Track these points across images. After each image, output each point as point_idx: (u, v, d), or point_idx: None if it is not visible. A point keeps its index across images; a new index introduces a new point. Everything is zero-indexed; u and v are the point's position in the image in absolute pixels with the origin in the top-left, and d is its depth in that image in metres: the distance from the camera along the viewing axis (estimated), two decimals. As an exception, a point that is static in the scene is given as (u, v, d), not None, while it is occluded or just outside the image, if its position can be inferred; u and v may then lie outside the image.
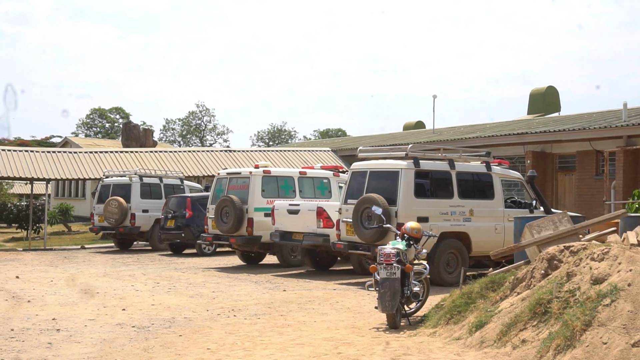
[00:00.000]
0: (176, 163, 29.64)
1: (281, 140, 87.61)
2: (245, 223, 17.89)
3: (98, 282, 14.97)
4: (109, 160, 28.88)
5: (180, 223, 22.08)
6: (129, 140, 39.33)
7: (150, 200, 24.38)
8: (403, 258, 9.72)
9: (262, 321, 10.34)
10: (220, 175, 19.38)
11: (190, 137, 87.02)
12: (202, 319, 10.56)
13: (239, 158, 31.20)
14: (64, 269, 18.03)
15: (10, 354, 8.20)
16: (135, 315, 10.80)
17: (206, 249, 21.94)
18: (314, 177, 19.51)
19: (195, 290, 13.77)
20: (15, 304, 11.99)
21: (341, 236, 15.03)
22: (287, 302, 12.15)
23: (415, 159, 14.34)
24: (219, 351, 8.36)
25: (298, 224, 16.58)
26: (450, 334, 8.82)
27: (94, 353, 8.28)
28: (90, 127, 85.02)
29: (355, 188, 14.88)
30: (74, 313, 11.02)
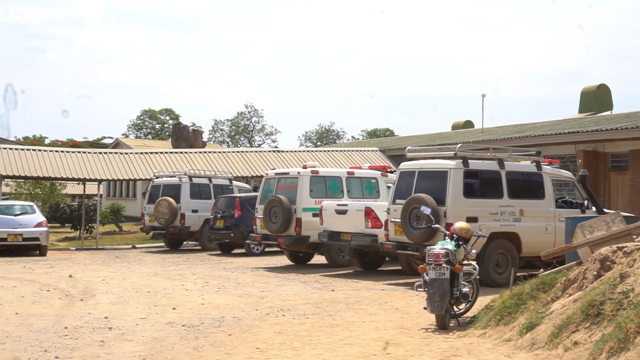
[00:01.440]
0: (225, 163, 29.85)
1: (329, 141, 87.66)
2: (293, 223, 17.95)
3: (149, 282, 15.16)
4: (159, 161, 29.21)
5: (229, 223, 22.23)
6: (178, 141, 39.73)
7: (200, 201, 24.60)
8: (452, 258, 9.65)
9: (310, 321, 10.35)
10: (269, 176, 19.46)
11: (239, 137, 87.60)
12: (251, 318, 10.62)
13: (287, 158, 31.29)
14: (116, 268, 18.30)
15: (64, 351, 8.35)
16: (185, 315, 10.91)
17: (255, 249, 22.06)
18: (362, 177, 19.48)
19: (244, 289, 13.85)
20: (69, 302, 12.20)
21: (389, 236, 14.98)
22: (336, 302, 12.15)
23: (464, 158, 14.22)
24: (268, 351, 8.40)
25: (346, 224, 16.56)
26: (500, 335, 8.73)
27: (145, 351, 8.38)
28: (140, 128, 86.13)
29: (404, 188, 14.81)
30: (126, 312, 11.17)
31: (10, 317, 10.64)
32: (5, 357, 8.09)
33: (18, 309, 11.33)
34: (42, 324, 10.03)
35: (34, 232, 22.37)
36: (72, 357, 8.06)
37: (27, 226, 22.40)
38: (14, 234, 22.10)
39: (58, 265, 18.92)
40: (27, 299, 12.56)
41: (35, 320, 10.39)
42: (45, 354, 8.21)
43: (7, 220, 22.31)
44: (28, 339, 9.04)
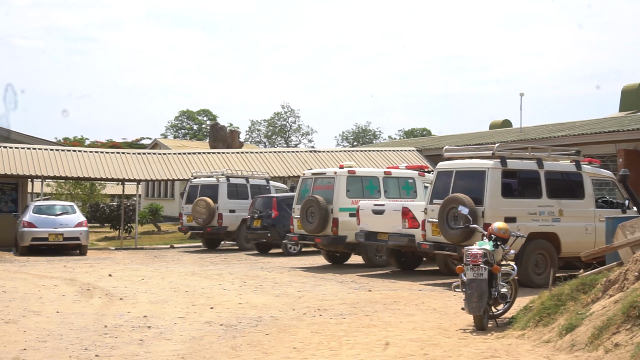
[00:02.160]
0: (262, 164, 29.96)
1: (366, 140, 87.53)
2: (330, 223, 17.96)
3: (187, 281, 15.27)
4: (197, 161, 29.41)
5: (267, 223, 22.31)
6: (216, 142, 39.99)
7: (237, 201, 24.72)
8: (490, 259, 9.59)
9: (347, 321, 10.35)
10: (306, 176, 19.50)
11: (276, 137, 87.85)
12: (288, 318, 10.64)
13: (323, 158, 31.30)
14: (154, 267, 18.47)
15: (103, 349, 8.45)
16: (223, 314, 10.97)
17: (292, 249, 22.11)
18: (399, 177, 19.43)
19: (281, 289, 13.89)
20: (108, 301, 12.34)
21: (427, 236, 14.91)
22: (373, 302, 12.13)
23: (502, 158, 14.11)
24: (305, 350, 8.42)
25: (383, 224, 16.53)
26: (540, 336, 8.64)
27: (184, 350, 8.45)
28: (178, 129, 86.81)
29: (441, 188, 14.74)
30: (164, 311, 11.27)
31: (52, 315, 10.80)
32: (47, 354, 8.21)
33: (59, 308, 11.50)
34: (83, 323, 10.16)
35: (74, 231, 22.69)
36: (112, 356, 8.15)
37: (68, 226, 22.73)
38: (55, 233, 22.43)
39: (98, 265, 19.15)
40: (67, 297, 12.74)
41: (76, 318, 10.53)
42: (85, 352, 8.31)
43: (48, 220, 22.66)
44: (69, 337, 9.16)
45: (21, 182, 27.60)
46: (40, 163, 26.52)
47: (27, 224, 22.39)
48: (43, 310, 11.31)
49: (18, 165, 26.02)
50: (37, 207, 23.32)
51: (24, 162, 26.30)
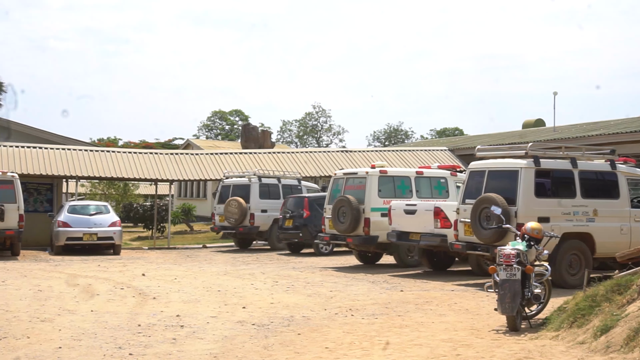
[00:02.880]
0: (293, 164, 30.01)
1: (397, 140, 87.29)
2: (362, 223, 17.94)
3: (219, 281, 15.35)
4: (229, 162, 29.55)
5: (298, 223, 22.35)
6: (248, 142, 40.16)
7: (269, 201, 24.79)
8: (523, 259, 9.52)
9: (379, 321, 10.33)
10: (337, 176, 19.50)
11: (307, 137, 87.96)
12: (320, 318, 10.65)
13: (355, 158, 31.28)
14: (187, 267, 18.59)
15: (137, 348, 8.52)
16: (255, 314, 11.01)
17: (323, 249, 22.12)
18: (431, 177, 19.35)
19: (313, 289, 13.90)
20: (142, 300, 12.44)
21: (459, 236, 14.84)
22: (405, 303, 12.10)
23: (535, 157, 13.99)
24: (337, 350, 8.42)
25: (415, 224, 16.48)
26: (574, 337, 8.56)
27: (216, 349, 8.49)
28: (210, 129, 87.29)
29: (474, 188, 14.66)
30: (197, 310, 11.33)
31: (86, 314, 10.92)
32: (82, 352, 8.30)
33: (93, 307, 11.62)
34: (117, 322, 10.26)
35: (108, 231, 22.91)
36: (146, 354, 8.22)
37: (102, 226, 22.96)
38: (89, 233, 22.67)
39: (131, 264, 19.32)
40: (102, 297, 12.87)
41: (110, 317, 10.63)
42: (119, 350, 8.39)
43: (82, 219, 22.92)
44: (103, 335, 9.26)
45: (56, 183, 27.95)
46: (75, 164, 26.83)
47: (62, 223, 22.66)
48: (78, 309, 11.44)
49: (53, 165, 26.36)
50: (71, 207, 23.59)
51: (59, 162, 26.63)
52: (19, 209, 21.15)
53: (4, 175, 21.41)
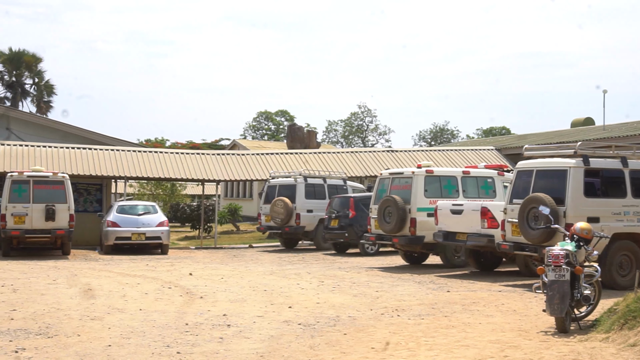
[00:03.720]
0: (339, 164, 30.02)
1: (443, 140, 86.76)
2: (408, 223, 17.87)
3: (265, 280, 15.42)
4: (275, 162, 29.67)
5: (344, 223, 22.35)
6: (293, 142, 40.26)
7: (315, 201, 24.84)
8: (572, 260, 9.40)
9: (425, 322, 10.29)
10: (383, 176, 19.46)
11: (352, 137, 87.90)
12: (366, 318, 10.64)
13: (401, 158, 31.17)
14: (233, 267, 18.71)
15: (185, 347, 8.61)
16: (301, 313, 11.03)
17: (369, 249, 22.09)
18: (478, 177, 19.19)
19: (358, 289, 13.89)
20: (189, 299, 12.56)
21: (506, 237, 14.70)
22: (451, 303, 12.02)
23: (584, 156, 13.79)
24: (383, 351, 8.40)
25: (462, 224, 16.37)
26: (625, 339, 8.41)
27: (263, 349, 8.53)
28: (256, 129, 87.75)
29: (521, 187, 14.51)
30: (243, 309, 11.40)
31: (135, 313, 11.06)
32: (130, 350, 8.41)
33: (142, 305, 11.76)
34: (164, 320, 10.37)
35: (156, 231, 23.18)
36: (193, 353, 8.30)
37: (150, 225, 23.25)
38: (138, 233, 22.96)
39: (179, 264, 19.52)
40: (150, 295, 13.02)
41: (158, 316, 10.75)
42: (167, 349, 8.49)
43: (131, 219, 23.23)
44: (151, 334, 9.37)
45: (105, 183, 28.37)
46: (124, 164, 27.20)
47: (111, 223, 23.00)
48: (126, 307, 11.59)
49: (102, 166, 26.76)
50: (120, 207, 23.92)
51: (108, 163, 27.03)
52: (69, 209, 21.52)
53: (55, 176, 21.82)
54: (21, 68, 46.10)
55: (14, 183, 21.37)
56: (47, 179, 21.71)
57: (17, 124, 29.49)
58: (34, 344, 8.74)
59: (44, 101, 46.98)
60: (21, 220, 21.12)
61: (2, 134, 28.57)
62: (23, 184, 21.42)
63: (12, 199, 21.22)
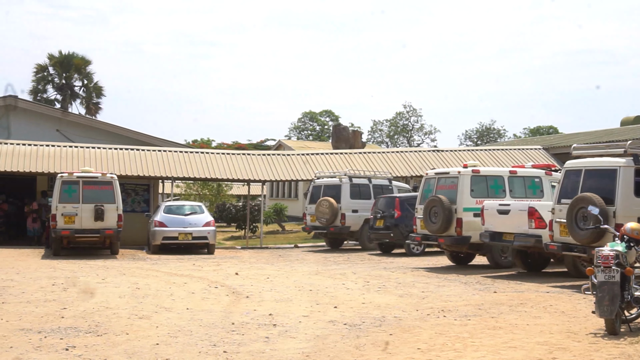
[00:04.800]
0: (384, 164, 29.94)
1: (489, 139, 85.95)
2: (454, 223, 17.75)
3: (311, 280, 15.46)
4: (320, 162, 29.71)
5: (389, 223, 22.30)
6: (338, 142, 40.26)
7: (360, 201, 24.83)
8: (622, 261, 9.25)
9: (472, 322, 10.21)
10: (429, 175, 19.37)
11: (398, 137, 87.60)
12: (412, 318, 10.60)
13: (446, 158, 30.98)
14: (279, 267, 18.79)
15: (231, 346, 8.67)
16: (347, 313, 11.03)
17: (415, 249, 21.99)
18: (525, 176, 18.99)
19: (404, 289, 13.84)
20: (235, 299, 12.64)
21: (554, 237, 14.52)
22: (498, 304, 11.91)
23: (635, 155, 13.55)
24: (429, 351, 8.36)
25: (508, 224, 16.21)
26: (677, 342, 8.25)
27: (308, 349, 8.55)
28: (301, 130, 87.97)
29: (569, 187, 14.33)
30: (289, 309, 11.44)
31: (182, 312, 11.17)
32: (178, 349, 8.49)
33: (189, 305, 11.87)
34: (211, 320, 10.46)
35: (202, 231, 23.37)
36: (239, 352, 8.35)
37: (196, 225, 23.45)
38: (184, 232, 23.19)
39: (225, 263, 19.66)
40: (196, 295, 13.14)
41: (205, 315, 10.84)
42: (214, 348, 8.56)
43: (177, 219, 23.47)
44: (198, 333, 9.45)
45: (153, 183, 28.71)
46: (171, 165, 27.51)
47: (159, 223, 23.25)
48: (174, 306, 11.72)
49: (150, 167, 27.10)
50: (167, 207, 24.17)
51: (155, 164, 27.36)
52: (117, 209, 21.83)
53: (104, 177, 22.15)
54: (71, 71, 46.87)
55: (64, 184, 21.75)
56: (96, 179, 22.05)
57: (67, 125, 30.02)
58: (84, 341, 8.88)
59: (93, 103, 47.70)
60: (71, 220, 21.48)
61: (52, 135, 29.09)
62: (73, 185, 21.79)
63: (62, 199, 21.60)
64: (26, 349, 8.44)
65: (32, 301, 12.11)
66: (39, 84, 47.02)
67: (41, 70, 46.86)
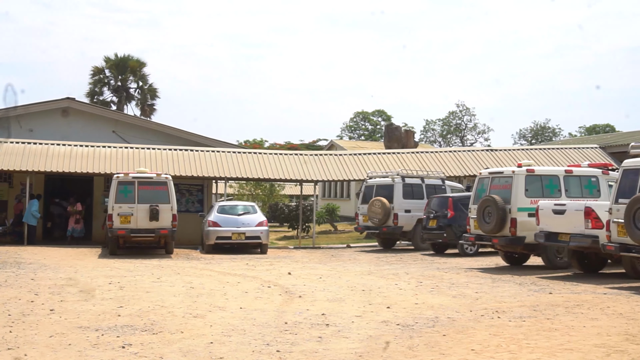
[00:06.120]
0: (437, 163, 29.77)
1: (544, 138, 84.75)
2: (508, 223, 17.56)
3: (363, 280, 15.43)
4: (372, 162, 29.67)
5: (442, 223, 22.17)
6: (391, 142, 40.13)
7: (413, 201, 24.72)
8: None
9: (527, 324, 10.08)
10: (482, 175, 19.20)
11: (451, 137, 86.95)
12: (466, 319, 10.50)
13: (500, 157, 30.66)
14: (331, 266, 18.80)
15: (284, 345, 8.70)
16: (400, 314, 10.99)
17: (468, 249, 21.81)
18: (581, 176, 18.68)
19: (458, 290, 13.73)
20: (288, 298, 12.69)
21: (612, 237, 14.26)
22: (554, 305, 11.73)
23: (695, 154, 13.25)
24: (483, 352, 8.27)
25: (564, 225, 15.97)
26: None
27: (361, 349, 8.54)
28: (353, 130, 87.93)
29: (627, 186, 14.05)
30: (342, 309, 11.44)
31: (235, 311, 11.25)
32: (232, 348, 8.56)
33: (242, 304, 11.95)
34: (264, 319, 10.51)
35: (255, 231, 23.53)
36: (292, 352, 8.37)
37: (249, 225, 23.62)
38: (238, 232, 23.37)
39: (277, 263, 19.75)
40: (250, 294, 13.22)
41: (258, 314, 10.90)
42: (267, 347, 8.60)
43: (231, 219, 23.67)
44: (252, 332, 9.51)
45: (206, 184, 29.03)
46: (224, 165, 27.76)
47: (212, 223, 23.48)
48: (227, 306, 11.81)
49: (204, 167, 27.39)
50: (221, 207, 24.40)
51: (209, 164, 27.65)
52: (172, 209, 22.10)
53: (159, 177, 22.44)
54: (126, 73, 47.64)
55: (119, 184, 22.11)
56: (151, 180, 22.36)
57: (122, 126, 30.51)
58: (140, 339, 9.01)
59: (148, 104, 48.42)
60: (127, 220, 21.82)
61: (108, 136, 29.59)
62: (128, 185, 22.13)
63: (118, 200, 21.96)
64: (84, 347, 8.59)
65: (90, 299, 12.33)
66: (96, 86, 47.90)
67: (97, 72, 47.73)
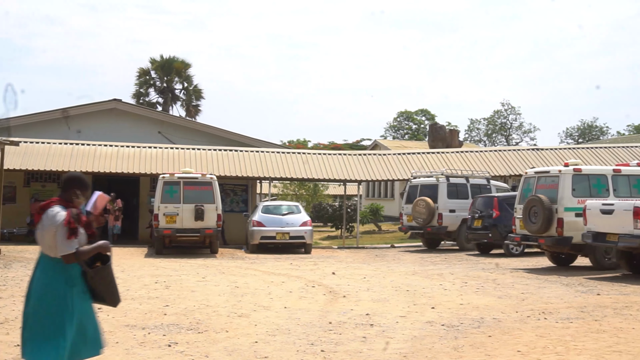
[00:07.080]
0: (482, 163, 29.52)
1: (592, 137, 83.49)
2: (554, 223, 17.34)
3: (407, 280, 15.37)
4: (416, 162, 29.54)
5: (488, 223, 21.98)
6: (435, 141, 39.93)
7: (457, 200, 24.55)
8: None
9: (574, 325, 9.94)
10: (528, 175, 19.00)
11: (496, 136, 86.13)
12: (512, 320, 10.40)
13: (546, 156, 30.30)
14: (376, 266, 18.76)
15: (329, 345, 8.71)
16: (444, 314, 10.92)
17: (514, 250, 21.58)
18: (630, 175, 18.36)
19: (503, 290, 13.60)
20: (332, 298, 12.70)
21: (662, 238, 13.99)
22: (602, 307, 11.55)
23: None
24: (529, 354, 8.19)
25: (612, 225, 15.71)
26: None
27: (406, 349, 8.51)
28: (397, 129, 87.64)
29: (678, 186, 13.78)
30: (386, 309, 11.41)
31: (280, 310, 11.30)
32: (276, 347, 8.59)
33: (286, 303, 12.00)
34: (308, 318, 10.53)
35: (299, 230, 23.58)
36: (337, 352, 8.38)
37: (293, 225, 23.67)
38: (282, 232, 23.44)
39: (321, 263, 19.77)
40: (294, 294, 13.26)
41: (302, 314, 10.93)
42: (311, 347, 8.61)
43: (275, 219, 23.75)
44: (296, 332, 9.54)
45: (251, 184, 29.18)
46: (268, 165, 27.88)
47: (257, 223, 23.59)
48: (272, 305, 11.86)
49: (248, 168, 27.54)
50: (265, 207, 24.50)
51: (253, 164, 27.80)
52: (217, 209, 22.26)
53: (204, 178, 22.62)
54: (172, 74, 48.16)
55: (165, 184, 22.34)
56: (197, 180, 22.54)
57: (168, 127, 30.84)
58: (185, 338, 9.10)
59: (193, 105, 48.88)
60: (172, 219, 22.03)
61: (154, 137, 29.93)
62: (174, 185, 22.34)
63: (164, 200, 22.19)
64: (131, 345, 8.70)
65: (136, 298, 12.48)
66: (142, 87, 48.52)
67: (143, 74, 48.33)
